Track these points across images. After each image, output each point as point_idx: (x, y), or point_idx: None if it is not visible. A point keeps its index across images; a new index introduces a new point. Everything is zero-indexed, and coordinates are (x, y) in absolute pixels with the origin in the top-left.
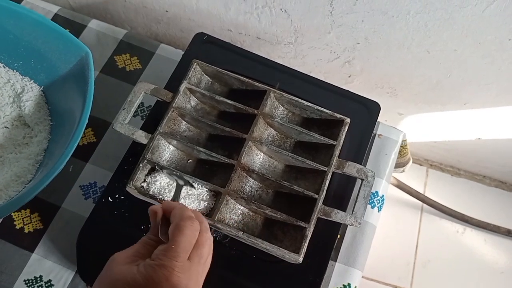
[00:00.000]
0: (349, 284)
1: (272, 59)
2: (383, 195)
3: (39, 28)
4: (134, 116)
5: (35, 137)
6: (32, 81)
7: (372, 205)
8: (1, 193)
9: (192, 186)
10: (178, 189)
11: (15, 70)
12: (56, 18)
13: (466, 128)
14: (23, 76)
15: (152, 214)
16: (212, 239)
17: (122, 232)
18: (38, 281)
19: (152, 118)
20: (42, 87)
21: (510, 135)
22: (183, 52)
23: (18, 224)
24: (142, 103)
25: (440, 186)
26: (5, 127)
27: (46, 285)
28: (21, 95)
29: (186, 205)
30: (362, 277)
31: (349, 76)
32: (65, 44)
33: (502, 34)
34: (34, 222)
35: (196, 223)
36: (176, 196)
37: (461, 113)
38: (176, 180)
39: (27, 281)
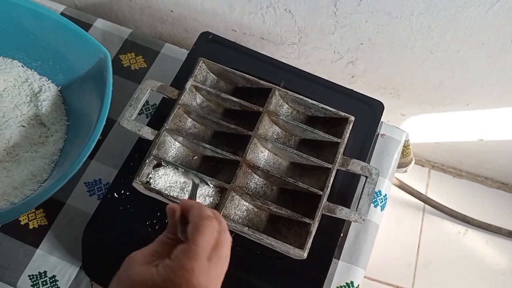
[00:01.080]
0: (352, 282)
1: (275, 58)
2: (386, 194)
3: (59, 29)
4: (139, 114)
5: (51, 136)
6: (49, 81)
7: (375, 204)
8: (17, 191)
9: (207, 184)
10: (194, 188)
11: (33, 70)
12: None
13: (468, 129)
14: (41, 76)
15: (170, 212)
16: (231, 239)
17: (127, 227)
18: (43, 277)
19: (158, 116)
20: (60, 87)
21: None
22: (188, 52)
23: (23, 220)
24: (147, 101)
25: (442, 187)
26: (22, 126)
27: (51, 280)
28: (38, 95)
29: None
30: (364, 277)
31: (352, 77)
32: (84, 46)
33: (505, 35)
34: (39, 218)
35: (215, 222)
36: (193, 195)
37: (463, 114)
38: (192, 179)
39: (31, 277)
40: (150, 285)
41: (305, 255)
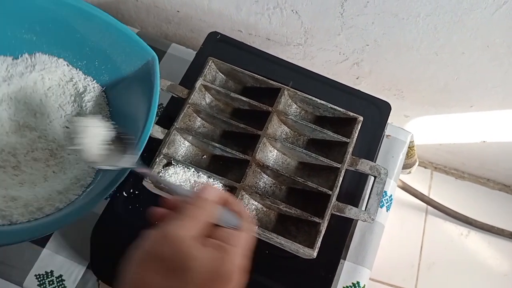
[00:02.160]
0: (358, 283)
1: (283, 59)
2: (391, 195)
3: (107, 29)
4: None
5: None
6: (94, 81)
7: (381, 204)
8: (61, 196)
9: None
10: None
11: (78, 69)
12: None
13: (471, 131)
14: (86, 76)
15: (213, 193)
16: None
17: (136, 226)
18: (49, 276)
19: (166, 115)
20: (104, 87)
21: None
22: (194, 52)
23: None
24: None
25: (444, 188)
26: (66, 127)
27: (57, 280)
28: (82, 95)
29: None
30: (369, 277)
31: (357, 78)
32: (132, 47)
33: (510, 38)
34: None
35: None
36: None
37: (467, 116)
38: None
39: (38, 276)
40: (206, 261)
41: (315, 254)
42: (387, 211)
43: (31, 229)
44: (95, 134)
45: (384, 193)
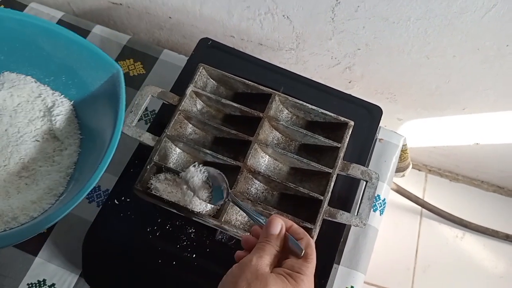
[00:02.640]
0: (352, 287)
1: (275, 64)
2: (384, 199)
3: (72, 45)
4: (138, 120)
5: (65, 150)
6: (62, 95)
7: (374, 208)
8: (35, 205)
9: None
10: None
11: (46, 85)
12: (60, 24)
13: (465, 133)
14: (54, 91)
15: (276, 225)
16: None
17: (128, 234)
18: (42, 285)
19: (158, 122)
20: (73, 101)
21: (508, 140)
22: (186, 58)
23: None
24: (146, 107)
25: (439, 191)
26: (36, 140)
27: None
28: (51, 110)
29: (194, 207)
30: (363, 281)
31: (350, 82)
32: (96, 61)
33: (500, 40)
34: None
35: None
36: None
37: (459, 118)
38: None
39: (30, 285)
40: None
41: None
42: (380, 214)
43: (5, 237)
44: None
45: (377, 197)
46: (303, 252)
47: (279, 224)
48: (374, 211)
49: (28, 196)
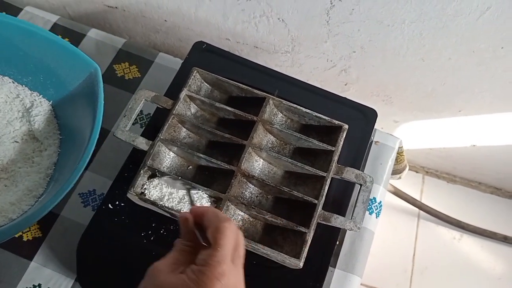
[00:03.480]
0: None
1: (268, 67)
2: (380, 201)
3: (48, 45)
4: (133, 124)
5: (44, 151)
6: (41, 96)
7: (370, 211)
8: (14, 207)
9: (195, 188)
10: (189, 194)
11: (24, 85)
12: (55, 27)
13: (461, 135)
14: (32, 91)
15: (183, 220)
16: (243, 238)
17: (122, 238)
18: None
19: (152, 126)
20: (51, 102)
21: (504, 141)
22: (181, 61)
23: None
24: (140, 111)
25: (436, 192)
26: (15, 141)
27: None
28: (30, 110)
29: (186, 211)
30: (360, 284)
31: (345, 84)
32: (74, 61)
33: (495, 43)
34: (33, 230)
35: (233, 223)
36: (192, 201)
37: (456, 120)
38: (186, 187)
39: None
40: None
41: (301, 264)
42: (376, 217)
43: None
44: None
45: (373, 200)
46: (212, 240)
47: (183, 218)
48: (370, 214)
49: (7, 197)
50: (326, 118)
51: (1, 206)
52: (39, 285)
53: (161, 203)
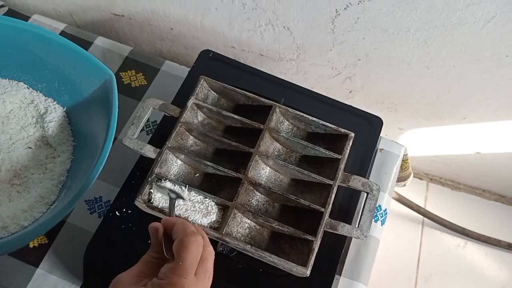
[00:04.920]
0: None
1: (274, 75)
2: (386, 209)
3: (64, 51)
4: (140, 131)
5: (57, 157)
6: (55, 102)
7: (376, 219)
8: (26, 214)
9: (181, 198)
10: (171, 202)
11: (38, 91)
12: (62, 35)
13: (466, 143)
14: (46, 97)
15: (153, 231)
16: (213, 252)
17: (129, 246)
18: None
19: (159, 133)
20: (65, 108)
21: (509, 149)
22: (188, 69)
23: None
24: (147, 118)
25: (440, 200)
26: (29, 147)
27: None
28: (44, 116)
29: (194, 218)
30: None
31: (350, 92)
32: (89, 67)
33: (500, 51)
34: (39, 236)
35: (199, 237)
36: (171, 210)
37: (460, 128)
38: (169, 194)
39: None
40: None
41: (308, 272)
42: (382, 225)
43: None
44: None
45: (378, 207)
46: (174, 256)
47: (153, 228)
48: (376, 221)
49: (19, 204)
50: (333, 126)
51: (14, 213)
52: None
53: (167, 210)
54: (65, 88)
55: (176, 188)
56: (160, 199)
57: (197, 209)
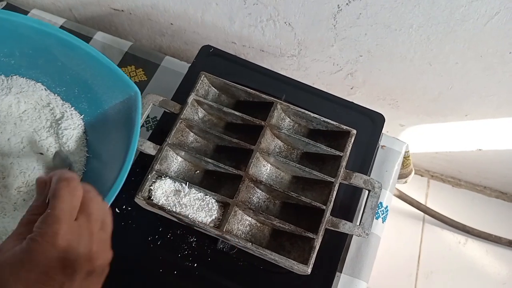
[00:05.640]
0: None
1: (275, 71)
2: (387, 206)
3: (90, 60)
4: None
5: (69, 167)
6: (73, 108)
7: (377, 216)
8: None
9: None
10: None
11: (56, 95)
12: None
13: (467, 139)
14: (64, 102)
15: (40, 184)
16: (101, 198)
17: (128, 242)
18: None
19: (159, 130)
20: (83, 116)
21: (510, 146)
22: (188, 65)
23: None
24: (147, 115)
25: (441, 197)
26: (40, 153)
27: None
28: (59, 121)
29: (195, 216)
30: None
31: (352, 88)
32: (114, 80)
33: (503, 47)
34: None
35: (74, 183)
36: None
37: (462, 125)
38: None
39: None
40: (17, 265)
41: (309, 270)
42: (383, 222)
43: None
44: None
45: (380, 205)
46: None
47: (40, 181)
48: (377, 218)
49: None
50: (334, 123)
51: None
52: None
53: (168, 207)
54: (85, 96)
55: (177, 185)
56: (160, 196)
57: (198, 206)
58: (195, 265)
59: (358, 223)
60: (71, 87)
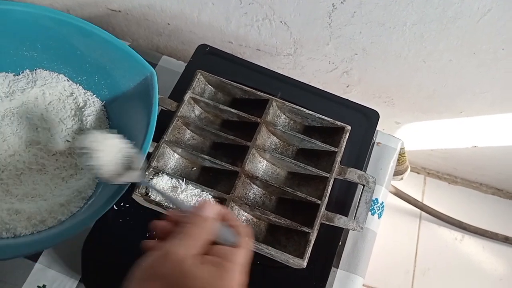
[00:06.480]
0: None
1: (271, 70)
2: (382, 202)
3: (106, 46)
4: None
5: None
6: (94, 95)
7: (372, 212)
8: (63, 208)
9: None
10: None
11: (78, 84)
12: None
13: (462, 136)
14: (85, 90)
15: (210, 209)
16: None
17: (127, 239)
18: None
19: (156, 127)
20: (104, 102)
21: (505, 142)
22: (184, 64)
23: None
24: None
25: (437, 193)
26: (67, 140)
27: None
28: (83, 109)
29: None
30: (362, 285)
31: (347, 86)
32: (130, 63)
33: (496, 44)
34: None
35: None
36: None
37: (457, 122)
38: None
39: None
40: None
41: (305, 264)
42: (379, 218)
43: (36, 242)
44: (110, 150)
45: (375, 201)
46: (237, 240)
47: (211, 207)
48: (373, 214)
49: (57, 198)
50: (329, 119)
51: (51, 207)
52: (44, 286)
53: (165, 204)
54: (104, 83)
55: (173, 181)
56: (157, 193)
57: (195, 202)
58: None
59: (353, 218)
60: (91, 75)
